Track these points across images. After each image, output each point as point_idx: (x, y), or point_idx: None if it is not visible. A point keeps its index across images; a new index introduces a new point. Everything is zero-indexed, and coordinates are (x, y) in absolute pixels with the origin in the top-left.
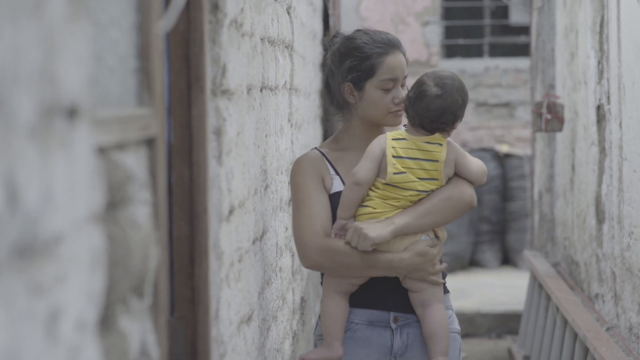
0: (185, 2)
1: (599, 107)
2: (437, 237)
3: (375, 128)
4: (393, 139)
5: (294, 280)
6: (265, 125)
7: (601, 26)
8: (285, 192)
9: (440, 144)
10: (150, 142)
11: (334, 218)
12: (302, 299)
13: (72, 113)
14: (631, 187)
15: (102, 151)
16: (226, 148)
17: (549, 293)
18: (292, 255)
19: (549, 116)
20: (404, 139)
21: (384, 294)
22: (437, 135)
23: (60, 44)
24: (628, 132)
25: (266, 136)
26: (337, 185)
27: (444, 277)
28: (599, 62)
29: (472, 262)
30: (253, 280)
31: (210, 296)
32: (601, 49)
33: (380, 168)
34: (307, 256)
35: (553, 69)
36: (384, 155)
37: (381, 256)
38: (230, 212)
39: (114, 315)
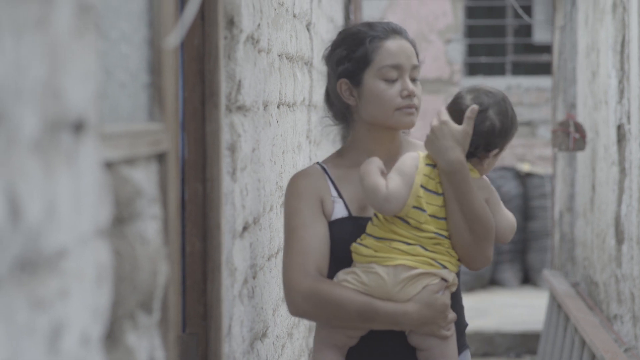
0: (195, 17)
1: (619, 127)
2: (444, 280)
3: (388, 137)
4: (427, 164)
5: None
6: (282, 141)
7: (622, 45)
8: None
9: None
10: (161, 158)
11: (334, 251)
12: None
13: (78, 128)
14: None
15: (110, 166)
16: (241, 164)
17: (568, 313)
18: None
19: (577, 135)
20: (435, 165)
21: (387, 349)
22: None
23: (66, 58)
24: None
25: (283, 153)
26: (338, 211)
27: (463, 329)
28: (620, 82)
29: (492, 281)
30: (267, 297)
31: (222, 313)
32: (622, 68)
33: None
34: (294, 302)
35: (574, 88)
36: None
37: (381, 308)
38: (245, 228)
39: (121, 331)
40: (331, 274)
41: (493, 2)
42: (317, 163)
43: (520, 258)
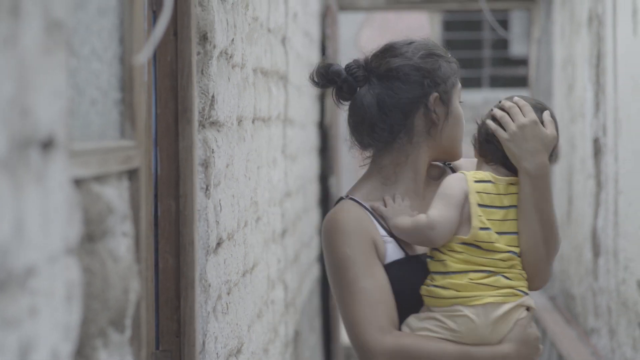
0: (168, 33)
1: (595, 140)
2: (528, 309)
3: (430, 168)
4: (476, 181)
5: (287, 313)
6: (257, 156)
7: (598, 59)
8: (277, 224)
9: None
10: (132, 174)
11: (395, 297)
12: (296, 332)
13: (47, 145)
14: (626, 220)
15: (81, 183)
16: (214, 180)
17: (545, 327)
18: (285, 288)
19: None
20: (489, 181)
21: None
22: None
23: (34, 75)
24: (624, 166)
25: (258, 168)
26: (392, 252)
27: None
28: (596, 95)
29: None
30: (242, 313)
31: (196, 329)
32: (598, 81)
33: (460, 220)
34: None
35: (551, 101)
36: (466, 201)
37: (479, 355)
38: (219, 244)
39: (92, 348)
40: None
41: (470, 15)
42: (349, 197)
43: None
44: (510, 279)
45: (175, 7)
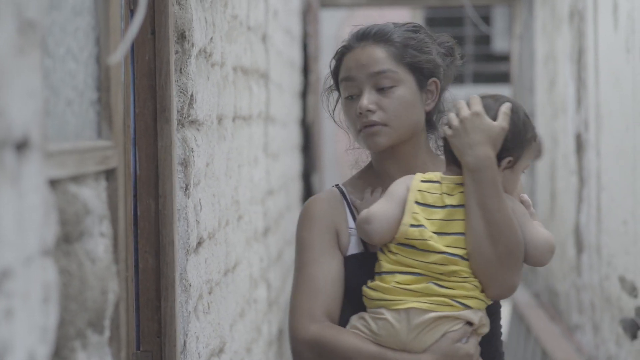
0: (145, 32)
1: (578, 136)
2: (470, 324)
3: (402, 155)
4: (422, 181)
5: (270, 311)
6: (238, 155)
7: (579, 54)
8: (260, 222)
9: None
10: (110, 174)
11: (348, 293)
12: (280, 331)
13: (21, 146)
14: (609, 216)
15: (57, 184)
16: (194, 179)
17: (529, 323)
18: (268, 287)
19: None
20: (436, 181)
21: None
22: None
23: (8, 76)
24: (606, 161)
25: (239, 166)
26: (354, 246)
27: None
28: (578, 91)
29: None
30: (224, 313)
31: (177, 329)
32: (579, 77)
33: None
34: (296, 351)
35: (533, 97)
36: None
37: (393, 358)
38: (199, 243)
39: (70, 350)
40: (346, 318)
41: (452, 12)
42: (337, 186)
43: None
44: (445, 288)
45: (153, 5)
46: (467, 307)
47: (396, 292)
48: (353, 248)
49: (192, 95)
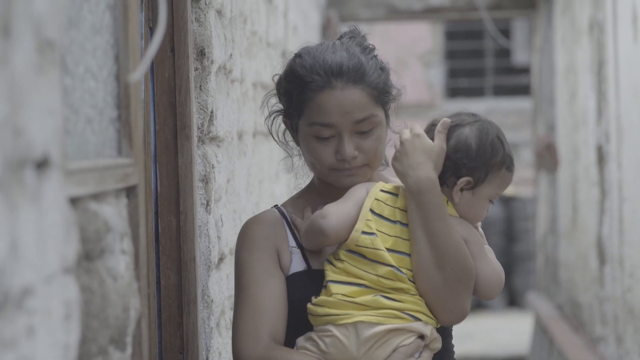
0: (165, 49)
1: (599, 148)
2: (422, 337)
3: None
4: (381, 190)
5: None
6: (259, 171)
7: (599, 66)
8: None
9: None
10: (130, 192)
11: (292, 312)
12: None
13: (41, 165)
14: (631, 228)
15: (78, 202)
16: (215, 195)
17: (552, 336)
18: None
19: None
20: (395, 194)
21: None
22: None
23: (27, 95)
24: (627, 173)
25: (260, 182)
26: (297, 264)
27: None
28: (598, 103)
29: (477, 304)
30: None
31: (199, 345)
32: (600, 89)
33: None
34: None
35: (554, 109)
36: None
37: None
38: (221, 259)
39: None
40: (291, 339)
41: (471, 25)
42: (276, 206)
43: (505, 280)
44: (394, 300)
45: (172, 23)
46: (418, 319)
47: (342, 305)
48: (295, 266)
49: (212, 112)
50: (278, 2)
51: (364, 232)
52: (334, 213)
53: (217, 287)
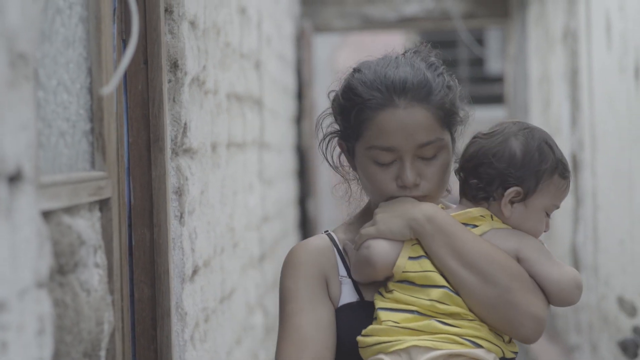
0: (138, 61)
1: (573, 156)
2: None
3: None
4: None
5: (267, 338)
6: (233, 182)
7: (573, 75)
8: (255, 249)
9: (476, 224)
10: (103, 205)
11: (342, 346)
12: None
13: (14, 179)
14: (606, 236)
15: (51, 215)
16: (189, 207)
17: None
18: (265, 313)
19: None
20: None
21: None
22: (479, 208)
23: (0, 109)
24: (601, 181)
25: (234, 194)
26: (348, 294)
27: None
28: (572, 111)
29: None
30: (221, 340)
31: (173, 358)
32: (573, 97)
33: None
34: None
35: (528, 118)
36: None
37: None
38: (195, 272)
39: None
40: None
41: (445, 34)
42: (327, 232)
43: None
44: (451, 326)
45: (145, 35)
46: (479, 346)
47: (393, 332)
48: (346, 297)
49: (185, 124)
50: (251, 13)
51: (410, 258)
52: (378, 242)
53: (191, 299)
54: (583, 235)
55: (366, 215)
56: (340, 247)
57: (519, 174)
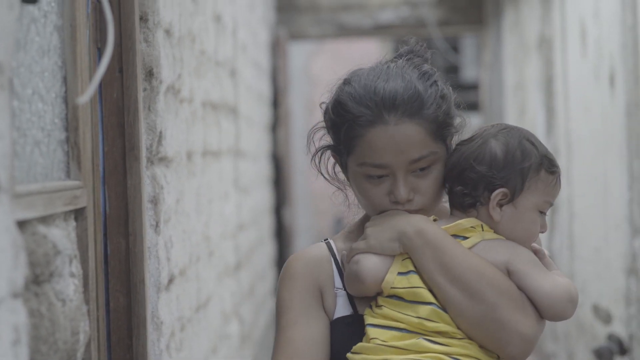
0: (113, 70)
1: None
2: None
3: None
4: None
5: (243, 346)
6: (208, 190)
7: (548, 82)
8: (231, 257)
9: (466, 236)
10: (79, 214)
11: (337, 357)
12: None
13: None
14: (581, 243)
15: (26, 225)
16: (164, 216)
17: None
18: (240, 322)
19: None
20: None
21: None
22: (469, 219)
23: None
24: (577, 188)
25: (209, 202)
26: (342, 307)
27: None
28: (548, 118)
29: None
30: (197, 349)
31: None
32: (549, 105)
33: None
34: None
35: None
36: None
37: None
38: (170, 281)
39: None
40: None
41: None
42: (326, 240)
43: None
44: (439, 344)
45: (120, 43)
46: None
47: (380, 350)
48: (341, 310)
49: (160, 132)
50: (227, 20)
51: (399, 273)
52: (368, 256)
53: (167, 308)
54: (559, 243)
55: (365, 224)
56: (338, 258)
57: (503, 174)
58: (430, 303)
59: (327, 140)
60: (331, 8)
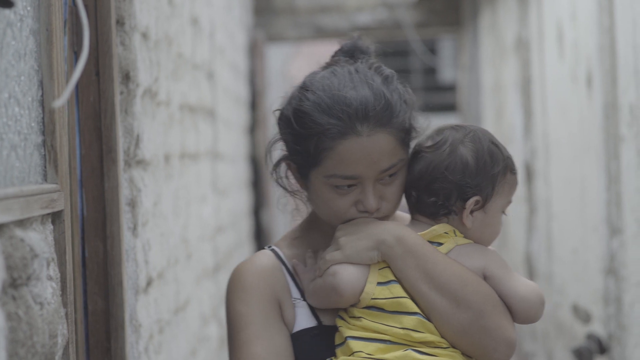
0: (90, 73)
1: (527, 165)
2: None
3: None
4: None
5: (222, 349)
6: (186, 193)
7: (526, 83)
8: (209, 260)
9: (440, 242)
10: (56, 217)
11: None
12: None
13: None
14: (560, 244)
15: (3, 229)
16: (142, 219)
17: None
18: (219, 324)
19: None
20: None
21: None
22: (441, 225)
23: None
24: (555, 190)
25: (187, 204)
26: (304, 319)
27: None
28: (525, 120)
29: None
30: (176, 352)
31: None
32: (526, 106)
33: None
34: None
35: (481, 126)
36: None
37: None
38: (148, 283)
39: None
40: None
41: (398, 44)
42: (269, 247)
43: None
44: (428, 355)
45: (97, 47)
46: None
47: None
48: (302, 322)
49: (138, 135)
50: (204, 23)
51: (379, 283)
52: (345, 267)
53: (145, 311)
54: (537, 244)
55: (312, 228)
56: (289, 266)
57: (475, 182)
58: (415, 313)
59: (283, 151)
60: (308, 10)
